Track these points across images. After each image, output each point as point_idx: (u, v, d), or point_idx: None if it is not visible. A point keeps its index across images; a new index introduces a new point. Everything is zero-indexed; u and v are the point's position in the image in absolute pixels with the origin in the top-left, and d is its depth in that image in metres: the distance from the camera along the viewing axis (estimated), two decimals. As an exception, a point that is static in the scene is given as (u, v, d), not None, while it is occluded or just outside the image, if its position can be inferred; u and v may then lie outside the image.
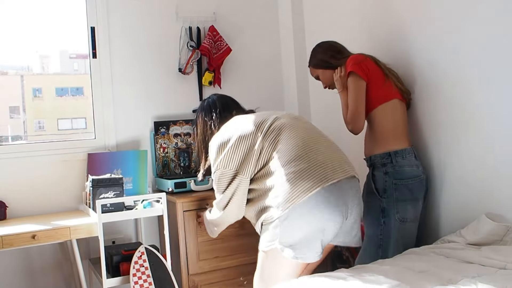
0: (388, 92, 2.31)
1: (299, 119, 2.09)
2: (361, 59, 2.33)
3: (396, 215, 2.23)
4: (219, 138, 2.04)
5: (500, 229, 1.94)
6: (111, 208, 2.37)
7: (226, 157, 1.96)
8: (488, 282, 1.48)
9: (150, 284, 2.34)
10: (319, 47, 2.54)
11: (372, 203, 2.27)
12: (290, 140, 1.91)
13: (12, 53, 3.11)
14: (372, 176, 2.30)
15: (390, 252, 2.20)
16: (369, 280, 1.56)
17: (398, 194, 2.22)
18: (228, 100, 2.28)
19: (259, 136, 1.95)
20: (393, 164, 2.24)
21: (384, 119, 2.30)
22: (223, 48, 3.16)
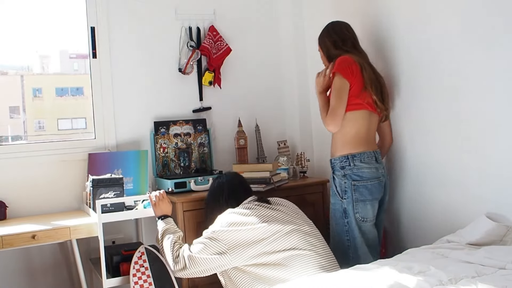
0: (360, 102, 2.38)
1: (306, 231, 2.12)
2: (350, 62, 2.37)
3: (356, 215, 2.35)
4: (229, 217, 2.11)
5: (500, 229, 1.94)
6: (111, 208, 2.37)
7: (228, 232, 2.02)
8: (488, 282, 1.48)
9: (150, 284, 2.34)
10: (329, 27, 2.55)
11: (336, 205, 2.41)
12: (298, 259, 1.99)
13: (12, 53, 3.11)
14: (332, 180, 2.43)
15: (359, 251, 2.33)
16: (369, 280, 1.56)
17: (358, 195, 2.34)
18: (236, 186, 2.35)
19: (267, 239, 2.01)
20: (351, 167, 2.35)
21: (348, 125, 2.38)
22: (223, 48, 3.16)
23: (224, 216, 2.15)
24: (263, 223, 2.05)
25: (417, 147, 2.47)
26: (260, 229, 2.02)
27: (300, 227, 2.10)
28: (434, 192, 2.39)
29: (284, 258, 1.97)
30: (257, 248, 1.99)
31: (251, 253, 1.99)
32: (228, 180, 2.38)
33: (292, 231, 2.05)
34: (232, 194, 2.30)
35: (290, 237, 2.03)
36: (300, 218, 2.17)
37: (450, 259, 1.80)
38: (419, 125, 2.45)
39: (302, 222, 2.15)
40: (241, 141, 3.13)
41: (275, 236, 2.02)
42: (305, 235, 2.08)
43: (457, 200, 2.27)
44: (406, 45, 2.49)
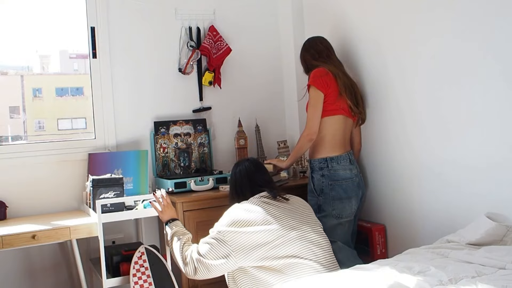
0: (336, 108, 2.60)
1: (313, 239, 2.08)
2: (323, 73, 2.59)
3: (333, 212, 2.52)
4: (236, 213, 2.07)
5: (500, 229, 1.94)
6: (111, 208, 2.37)
7: (233, 232, 2.00)
8: (488, 282, 1.48)
9: (150, 284, 2.34)
10: (305, 44, 2.80)
11: (311, 202, 2.55)
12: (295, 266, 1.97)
13: (12, 53, 3.11)
14: (311, 178, 2.62)
15: (336, 246, 2.37)
16: (369, 280, 1.56)
17: (334, 193, 2.53)
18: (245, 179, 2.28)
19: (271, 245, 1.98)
20: (329, 168, 2.56)
21: (325, 129, 2.60)
22: (223, 48, 3.16)
23: (230, 212, 2.11)
24: (267, 225, 2.01)
25: (417, 147, 2.47)
26: (263, 232, 1.99)
27: (306, 234, 2.05)
28: (434, 192, 2.39)
29: (285, 265, 1.95)
30: (260, 252, 1.97)
31: (254, 256, 1.97)
32: (237, 174, 2.29)
33: (297, 239, 2.01)
34: (236, 192, 2.26)
35: (293, 244, 1.99)
36: (307, 224, 2.11)
37: (450, 259, 1.80)
38: (418, 126, 2.45)
39: (308, 229, 2.08)
40: (241, 141, 3.13)
41: (278, 241, 1.98)
42: (310, 244, 2.03)
43: (457, 200, 2.27)
44: (398, 47, 2.49)
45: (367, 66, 2.75)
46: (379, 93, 2.69)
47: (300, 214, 2.14)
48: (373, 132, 2.76)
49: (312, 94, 2.60)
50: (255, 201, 2.14)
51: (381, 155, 2.72)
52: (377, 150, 2.74)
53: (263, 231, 1.99)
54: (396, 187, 2.63)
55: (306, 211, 2.19)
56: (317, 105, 2.58)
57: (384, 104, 2.66)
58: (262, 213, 2.06)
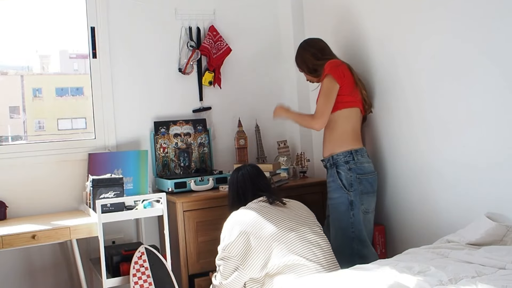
0: (353, 100, 2.55)
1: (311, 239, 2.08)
2: (339, 63, 2.54)
3: (361, 206, 2.48)
4: (234, 221, 2.10)
5: (500, 229, 1.94)
6: (111, 208, 2.37)
7: (234, 243, 2.02)
8: (488, 282, 1.48)
9: (150, 284, 2.34)
10: (302, 45, 2.72)
11: (340, 199, 2.48)
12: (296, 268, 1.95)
13: (12, 53, 3.11)
14: (337, 174, 2.50)
15: (365, 242, 2.43)
16: (369, 279, 1.56)
17: (362, 187, 2.48)
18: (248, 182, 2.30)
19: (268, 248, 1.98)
20: (355, 161, 2.49)
21: (345, 122, 2.54)
22: (223, 48, 3.16)
23: (228, 223, 2.13)
24: (265, 229, 2.02)
25: (417, 147, 2.47)
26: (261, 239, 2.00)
27: (305, 235, 2.05)
28: (434, 192, 2.39)
29: (286, 267, 1.94)
30: (261, 258, 1.98)
31: (258, 263, 1.98)
32: (237, 181, 2.31)
33: (296, 239, 2.01)
34: (238, 195, 2.28)
35: (293, 245, 1.99)
36: (306, 225, 2.11)
37: (450, 259, 1.80)
38: (419, 125, 2.45)
39: (307, 230, 2.08)
40: (241, 141, 3.13)
41: (277, 243, 1.99)
42: (309, 244, 2.03)
43: (457, 200, 2.27)
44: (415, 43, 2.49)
45: (369, 65, 2.74)
46: (379, 93, 2.69)
47: (298, 216, 2.15)
48: (372, 132, 2.77)
49: (328, 84, 2.50)
50: (254, 205, 2.16)
51: (380, 155, 2.72)
52: (376, 150, 2.74)
53: (261, 237, 2.00)
54: (396, 187, 2.63)
55: (304, 213, 2.20)
56: (331, 95, 2.49)
57: (384, 104, 2.66)
58: (259, 216, 2.07)
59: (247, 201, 2.23)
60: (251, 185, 2.27)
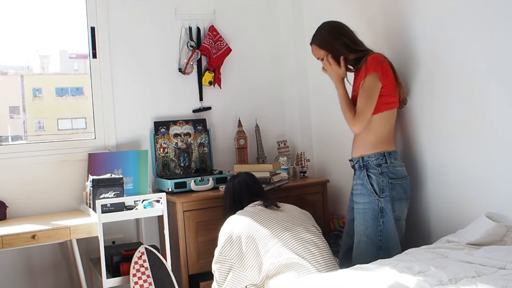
0: (395, 100, 2.33)
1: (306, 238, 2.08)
2: (382, 59, 2.29)
3: (393, 214, 2.25)
4: (231, 225, 2.13)
5: (500, 229, 1.94)
6: (111, 208, 2.37)
7: (229, 246, 2.06)
8: (488, 282, 1.48)
9: (150, 284, 2.34)
10: (331, 27, 2.37)
11: (369, 205, 2.25)
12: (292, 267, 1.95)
13: (12, 53, 3.11)
14: (367, 177, 2.27)
15: (393, 251, 2.19)
16: (369, 280, 1.56)
17: (395, 193, 2.26)
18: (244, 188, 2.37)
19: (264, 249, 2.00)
20: (387, 164, 2.27)
21: (383, 125, 2.31)
22: (223, 48, 3.16)
23: (224, 227, 2.18)
24: (260, 230, 2.05)
25: (418, 148, 2.47)
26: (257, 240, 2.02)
27: (300, 234, 2.06)
28: (434, 192, 2.39)
29: (283, 266, 1.94)
30: (258, 259, 1.99)
31: (254, 265, 1.99)
32: (233, 188, 2.39)
33: (291, 238, 2.02)
34: (234, 202, 2.34)
35: (289, 244, 2.00)
36: (301, 225, 2.12)
37: (450, 259, 1.80)
38: (418, 126, 2.45)
39: (302, 229, 2.09)
40: (241, 141, 3.13)
41: (272, 243, 2.00)
42: (305, 243, 2.03)
43: (457, 200, 2.27)
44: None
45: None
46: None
47: (293, 217, 2.18)
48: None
49: (371, 83, 2.24)
50: (250, 209, 2.21)
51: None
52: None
53: (256, 238, 2.03)
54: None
55: (298, 215, 2.22)
56: (374, 96, 2.24)
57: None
58: (255, 219, 2.11)
59: (242, 206, 2.28)
60: (247, 192, 2.35)
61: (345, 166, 2.65)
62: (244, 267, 2.01)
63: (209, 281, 2.52)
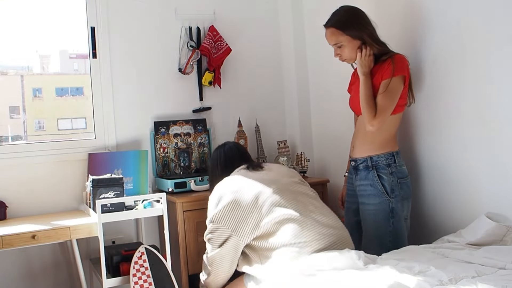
0: (406, 103, 2.32)
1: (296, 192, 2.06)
2: (408, 63, 2.25)
3: (403, 213, 2.24)
4: (218, 191, 2.09)
5: (500, 229, 1.94)
6: (111, 208, 2.37)
7: (221, 213, 1.99)
8: (488, 282, 1.48)
9: (150, 284, 2.34)
10: (358, 14, 2.29)
11: (380, 206, 2.22)
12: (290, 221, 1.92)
13: (12, 53, 3.11)
14: (378, 178, 2.24)
15: None
16: (369, 279, 1.56)
17: (403, 192, 2.25)
18: (235, 153, 2.32)
19: (254, 210, 1.96)
20: (396, 164, 2.25)
21: (393, 125, 2.30)
22: (223, 48, 3.16)
23: (214, 195, 2.11)
24: (249, 190, 2.01)
25: (417, 148, 2.47)
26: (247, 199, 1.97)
27: (289, 187, 2.05)
28: (434, 192, 2.39)
29: (277, 223, 1.91)
30: (252, 219, 1.94)
31: (250, 226, 1.94)
32: (224, 152, 2.32)
33: (279, 190, 2.00)
34: (226, 167, 2.26)
35: (277, 196, 1.97)
36: (289, 179, 2.11)
37: (450, 259, 1.80)
38: (418, 126, 2.45)
39: (291, 182, 2.08)
40: (241, 141, 3.13)
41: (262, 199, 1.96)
42: (295, 194, 2.01)
43: (457, 200, 2.27)
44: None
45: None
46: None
47: (279, 174, 2.16)
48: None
49: (398, 85, 2.19)
50: (236, 172, 2.17)
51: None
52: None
53: (246, 198, 1.99)
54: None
55: (284, 171, 2.22)
56: (397, 98, 2.20)
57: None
58: (238, 182, 2.08)
59: (233, 168, 2.22)
60: (239, 156, 2.29)
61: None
62: (240, 231, 1.95)
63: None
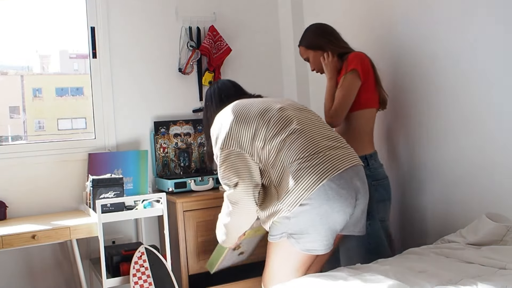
0: (373, 99, 2.35)
1: (302, 109, 2.01)
2: (363, 57, 2.32)
3: (378, 215, 2.26)
4: (221, 117, 1.97)
5: (500, 229, 1.94)
6: (111, 208, 2.37)
7: (229, 136, 1.88)
8: (488, 282, 1.48)
9: (150, 284, 2.34)
10: (317, 28, 2.48)
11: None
12: (297, 136, 1.84)
13: (12, 53, 3.11)
14: None
15: (381, 253, 2.17)
16: (369, 279, 1.56)
17: (378, 195, 2.26)
18: (229, 85, 2.25)
19: (262, 124, 1.88)
20: (369, 167, 2.27)
21: (363, 123, 2.33)
22: (223, 48, 3.16)
23: (215, 124, 2.00)
24: (254, 106, 1.94)
25: (418, 148, 2.47)
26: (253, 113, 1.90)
27: (296, 105, 1.99)
28: (434, 192, 2.39)
29: (281, 141, 1.84)
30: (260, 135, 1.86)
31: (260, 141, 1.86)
32: (217, 87, 2.23)
33: (285, 107, 1.94)
34: (221, 101, 2.16)
35: (284, 112, 1.90)
36: (294, 102, 2.06)
37: (450, 259, 1.80)
38: (418, 126, 2.45)
39: (293, 103, 2.02)
40: (241, 141, 3.13)
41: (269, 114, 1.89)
42: (298, 111, 1.95)
43: (457, 200, 2.27)
44: (412, 43, 2.49)
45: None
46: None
47: (282, 98, 2.12)
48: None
49: (351, 80, 2.27)
50: (233, 101, 2.05)
51: (380, 156, 2.72)
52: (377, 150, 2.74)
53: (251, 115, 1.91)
54: (396, 187, 2.63)
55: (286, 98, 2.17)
56: (352, 93, 2.27)
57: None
58: (241, 104, 1.99)
59: (230, 102, 2.07)
60: (234, 89, 2.21)
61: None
62: (251, 149, 1.86)
63: (210, 285, 2.53)
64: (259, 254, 2.68)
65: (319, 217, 1.77)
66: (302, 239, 1.79)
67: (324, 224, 1.78)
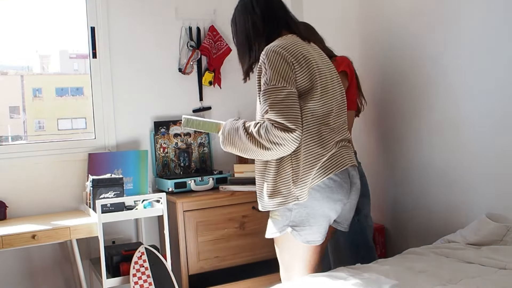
0: (353, 102, 2.38)
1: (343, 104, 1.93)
2: (350, 62, 2.37)
3: (363, 211, 2.30)
4: (284, 50, 1.82)
5: (500, 229, 1.94)
6: (111, 208, 2.37)
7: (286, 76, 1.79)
8: (488, 282, 1.48)
9: (150, 284, 2.34)
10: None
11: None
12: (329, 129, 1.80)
13: (12, 53, 3.11)
14: None
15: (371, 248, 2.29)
16: (369, 280, 1.56)
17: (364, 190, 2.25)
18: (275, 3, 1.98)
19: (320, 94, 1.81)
20: None
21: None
22: (223, 48, 3.16)
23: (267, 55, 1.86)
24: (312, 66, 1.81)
25: (418, 148, 2.47)
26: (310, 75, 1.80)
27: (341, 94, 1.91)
28: (434, 192, 2.39)
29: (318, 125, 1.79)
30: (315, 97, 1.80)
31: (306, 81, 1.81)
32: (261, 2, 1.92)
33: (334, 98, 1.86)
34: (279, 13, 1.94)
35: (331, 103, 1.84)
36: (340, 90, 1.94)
37: (450, 259, 1.80)
38: (418, 126, 2.45)
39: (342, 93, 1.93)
40: (241, 141, 3.12)
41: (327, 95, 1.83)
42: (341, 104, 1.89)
43: (457, 200, 2.27)
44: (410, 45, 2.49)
45: (368, 65, 2.74)
46: (379, 91, 2.69)
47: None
48: (373, 132, 2.76)
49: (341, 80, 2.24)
50: (291, 37, 1.86)
51: (379, 155, 2.72)
52: (377, 150, 2.75)
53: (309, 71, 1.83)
54: (396, 187, 2.63)
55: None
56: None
57: (385, 103, 2.66)
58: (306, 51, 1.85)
59: (278, 32, 1.89)
60: (283, 11, 1.95)
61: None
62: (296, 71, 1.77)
63: (210, 285, 2.53)
64: (259, 254, 2.69)
65: (322, 209, 1.77)
66: (304, 231, 1.79)
67: (324, 215, 1.78)
